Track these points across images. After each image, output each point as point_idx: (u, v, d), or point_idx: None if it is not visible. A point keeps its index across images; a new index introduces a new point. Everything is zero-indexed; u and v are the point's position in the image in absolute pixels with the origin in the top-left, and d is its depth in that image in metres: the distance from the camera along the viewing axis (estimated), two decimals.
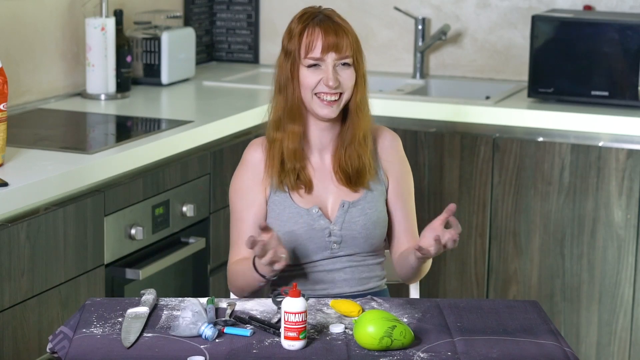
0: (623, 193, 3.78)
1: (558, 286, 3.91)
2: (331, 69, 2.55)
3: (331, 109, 2.57)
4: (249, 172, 2.66)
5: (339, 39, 2.56)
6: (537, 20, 3.99)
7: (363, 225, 2.61)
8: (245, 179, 2.66)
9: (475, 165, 3.95)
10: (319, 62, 2.56)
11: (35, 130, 3.40)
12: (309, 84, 2.56)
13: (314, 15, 2.60)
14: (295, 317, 2.16)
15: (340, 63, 2.57)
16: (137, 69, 4.21)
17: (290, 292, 2.18)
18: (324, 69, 2.56)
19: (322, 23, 2.57)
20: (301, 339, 2.17)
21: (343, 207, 2.62)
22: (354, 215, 2.61)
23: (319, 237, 2.60)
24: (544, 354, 2.18)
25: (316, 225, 2.60)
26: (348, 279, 2.63)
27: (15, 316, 2.76)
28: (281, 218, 2.61)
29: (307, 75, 2.57)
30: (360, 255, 2.64)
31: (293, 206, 2.61)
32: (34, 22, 3.74)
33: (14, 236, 2.73)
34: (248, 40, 4.88)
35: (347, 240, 2.61)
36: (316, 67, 2.57)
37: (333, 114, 2.58)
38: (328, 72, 2.55)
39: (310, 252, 2.61)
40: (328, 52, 2.55)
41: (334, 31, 2.56)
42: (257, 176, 2.65)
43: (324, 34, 2.56)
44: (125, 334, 2.21)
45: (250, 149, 2.69)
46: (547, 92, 4.00)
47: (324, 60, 2.56)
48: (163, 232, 3.35)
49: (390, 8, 4.58)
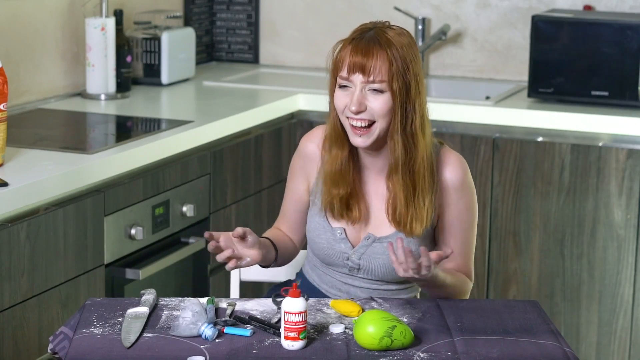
0: (623, 193, 3.79)
1: (558, 286, 3.91)
2: (358, 91, 2.36)
3: (361, 138, 2.38)
4: (299, 160, 2.61)
5: (366, 59, 2.34)
6: (537, 20, 3.99)
7: (383, 264, 2.50)
8: (295, 165, 2.62)
9: (475, 165, 3.95)
10: (348, 83, 2.38)
11: (35, 130, 3.40)
12: (338, 106, 2.40)
13: (364, 31, 2.39)
14: (295, 317, 2.16)
15: (372, 88, 2.37)
16: (137, 69, 4.21)
17: (290, 292, 2.18)
18: (351, 91, 2.37)
19: (360, 41, 2.36)
20: (301, 339, 2.17)
21: (368, 239, 2.51)
22: (376, 250, 2.50)
23: (337, 256, 2.54)
24: (544, 354, 2.18)
25: (336, 247, 2.53)
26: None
27: (15, 316, 2.76)
28: (310, 223, 2.58)
29: (337, 96, 2.40)
30: (382, 282, 2.55)
31: (322, 218, 2.53)
32: (34, 22, 3.74)
33: (14, 236, 2.73)
34: (248, 40, 4.88)
35: (366, 269, 2.53)
36: (346, 88, 2.38)
37: (364, 143, 2.39)
38: (354, 94, 2.36)
39: (330, 264, 2.58)
40: (354, 72, 2.36)
41: (363, 51, 2.35)
42: (304, 167, 2.58)
43: (353, 52, 2.36)
44: (125, 334, 2.21)
45: (306, 137, 2.59)
46: (547, 92, 4.00)
47: (351, 80, 2.37)
48: (163, 232, 3.35)
49: (390, 8, 4.58)
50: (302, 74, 4.60)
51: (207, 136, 3.56)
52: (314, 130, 2.59)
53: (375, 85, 2.36)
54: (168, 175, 3.35)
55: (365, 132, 2.40)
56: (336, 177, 2.46)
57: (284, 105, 4.00)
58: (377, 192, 2.51)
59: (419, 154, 2.42)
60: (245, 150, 3.73)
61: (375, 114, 2.38)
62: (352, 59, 2.36)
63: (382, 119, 2.38)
